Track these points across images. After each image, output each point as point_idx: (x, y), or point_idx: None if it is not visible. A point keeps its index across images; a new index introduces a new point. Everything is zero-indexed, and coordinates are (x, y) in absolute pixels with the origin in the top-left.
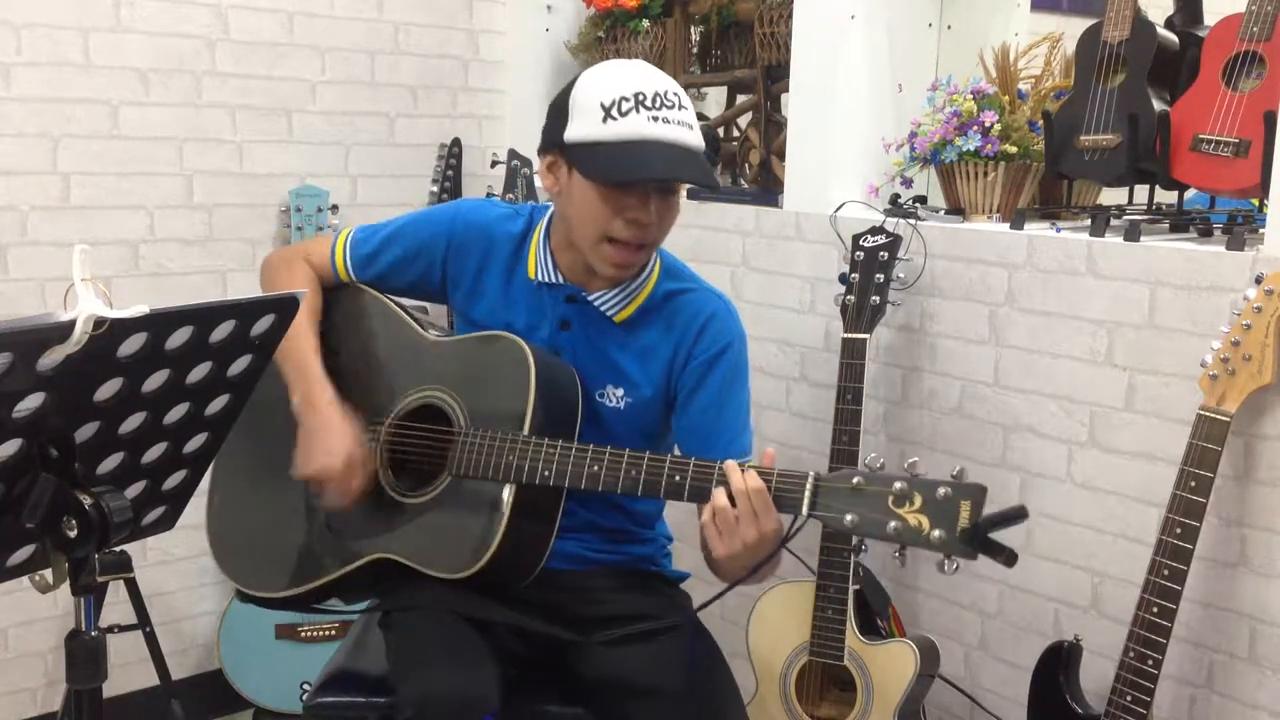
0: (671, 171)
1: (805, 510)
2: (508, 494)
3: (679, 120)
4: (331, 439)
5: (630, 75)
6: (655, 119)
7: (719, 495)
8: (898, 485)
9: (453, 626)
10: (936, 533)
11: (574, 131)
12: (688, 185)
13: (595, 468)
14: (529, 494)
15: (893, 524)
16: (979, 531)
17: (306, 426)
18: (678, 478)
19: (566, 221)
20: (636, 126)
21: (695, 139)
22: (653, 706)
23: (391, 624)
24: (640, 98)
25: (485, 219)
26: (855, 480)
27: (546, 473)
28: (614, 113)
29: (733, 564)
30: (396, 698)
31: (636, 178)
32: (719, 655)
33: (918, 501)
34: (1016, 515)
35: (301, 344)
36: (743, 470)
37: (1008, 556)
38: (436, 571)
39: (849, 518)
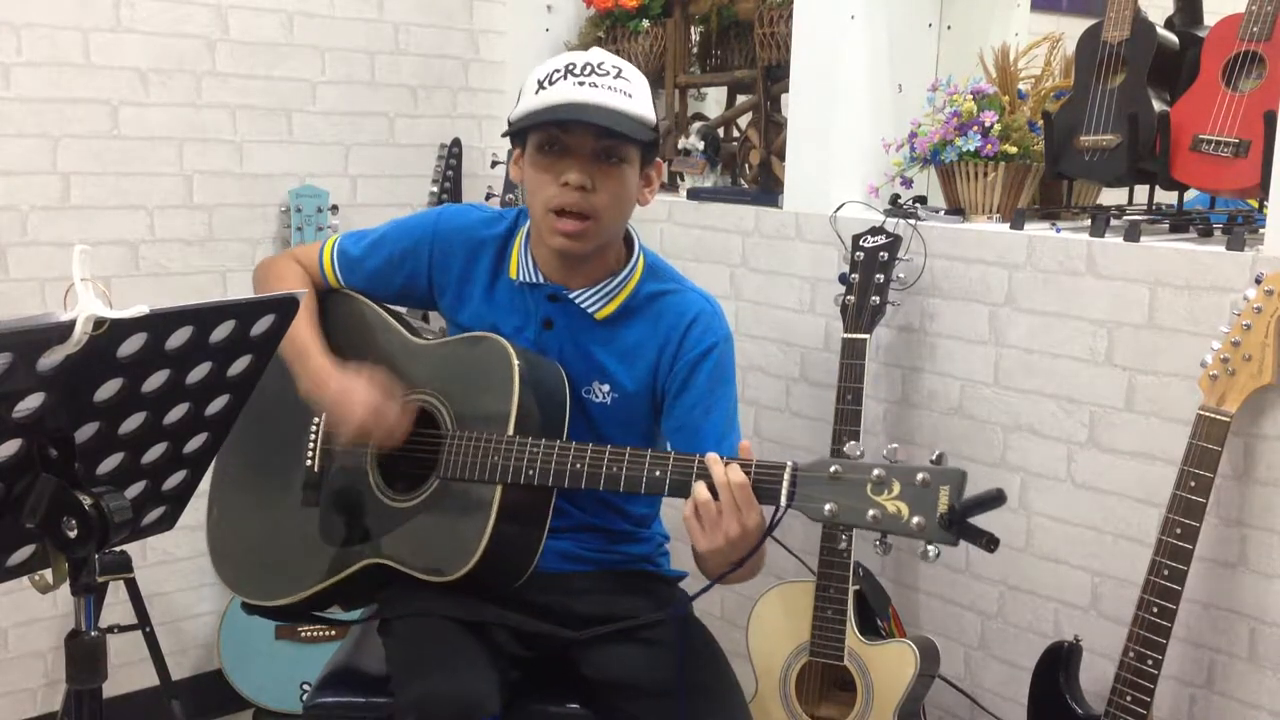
0: (576, 114)
1: (784, 500)
2: (493, 495)
3: (610, 86)
4: (351, 400)
5: (572, 55)
6: (582, 84)
7: (700, 488)
8: (876, 472)
9: (450, 632)
10: (916, 519)
11: (516, 111)
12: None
13: (578, 465)
14: (515, 495)
15: (872, 512)
16: (957, 516)
17: (325, 405)
18: (658, 472)
19: (529, 207)
20: (563, 92)
21: (629, 105)
22: (653, 703)
23: (390, 631)
24: (570, 67)
25: (467, 223)
26: (833, 469)
27: (531, 472)
28: (545, 83)
29: (716, 559)
30: (395, 704)
31: (537, 121)
32: (716, 649)
33: (896, 488)
34: (994, 499)
35: (300, 333)
36: (724, 464)
37: (988, 540)
38: (427, 575)
39: (828, 507)
